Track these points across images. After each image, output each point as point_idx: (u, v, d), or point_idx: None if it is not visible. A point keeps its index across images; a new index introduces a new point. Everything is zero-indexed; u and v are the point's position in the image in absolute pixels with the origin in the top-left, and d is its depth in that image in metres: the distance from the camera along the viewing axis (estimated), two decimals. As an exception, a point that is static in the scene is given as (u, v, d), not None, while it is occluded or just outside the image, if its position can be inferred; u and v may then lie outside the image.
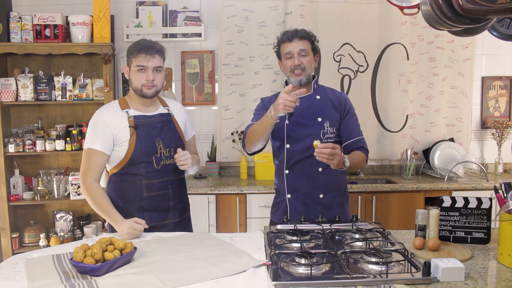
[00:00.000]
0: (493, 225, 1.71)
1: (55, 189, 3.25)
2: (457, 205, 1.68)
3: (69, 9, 3.44)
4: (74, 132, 3.22)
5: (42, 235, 3.21)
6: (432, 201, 3.08)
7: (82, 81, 3.25)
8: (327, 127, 2.02)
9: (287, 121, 2.04)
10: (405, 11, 2.14)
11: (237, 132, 3.50)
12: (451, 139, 3.58)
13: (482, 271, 1.41)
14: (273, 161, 2.18)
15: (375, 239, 1.66)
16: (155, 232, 1.89)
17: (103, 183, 2.42)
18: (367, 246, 1.59)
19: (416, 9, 2.03)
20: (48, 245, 3.15)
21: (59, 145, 3.19)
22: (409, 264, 1.43)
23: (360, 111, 2.13)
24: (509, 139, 3.55)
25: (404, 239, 1.75)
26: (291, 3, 3.43)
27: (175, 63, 3.57)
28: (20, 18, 3.13)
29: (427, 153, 3.54)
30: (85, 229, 3.22)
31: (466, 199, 1.67)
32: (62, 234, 3.28)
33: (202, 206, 3.06)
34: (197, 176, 3.44)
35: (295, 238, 1.68)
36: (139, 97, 1.97)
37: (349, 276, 1.32)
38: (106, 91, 3.18)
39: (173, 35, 3.46)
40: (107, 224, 2.03)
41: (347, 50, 3.53)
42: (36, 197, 3.22)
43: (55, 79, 3.23)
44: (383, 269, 1.35)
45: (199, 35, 3.44)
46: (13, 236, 3.18)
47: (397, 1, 2.09)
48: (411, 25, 3.49)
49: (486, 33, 1.76)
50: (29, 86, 3.18)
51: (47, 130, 3.36)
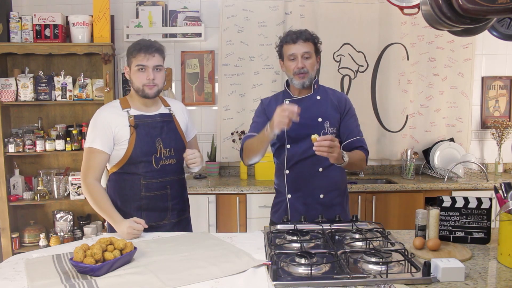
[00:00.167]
0: (493, 225, 1.71)
1: (55, 189, 3.25)
2: (457, 205, 1.68)
3: (69, 9, 3.44)
4: (74, 132, 3.22)
5: (42, 235, 3.21)
6: (432, 201, 3.08)
7: (82, 81, 3.25)
8: (328, 127, 2.02)
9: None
10: (405, 11, 2.14)
11: (237, 132, 3.50)
12: (451, 139, 3.58)
13: (482, 271, 1.41)
14: (274, 161, 2.19)
15: (375, 239, 1.66)
16: (153, 231, 1.88)
17: (103, 182, 2.42)
18: (367, 246, 1.59)
19: (416, 9, 2.03)
20: (48, 245, 3.15)
21: (59, 145, 3.19)
22: (409, 264, 1.43)
23: (360, 111, 2.13)
24: (509, 139, 3.55)
25: (404, 239, 1.75)
26: (291, 3, 3.43)
27: (175, 63, 3.57)
28: (20, 18, 3.13)
29: (427, 153, 3.54)
30: (85, 229, 3.23)
31: (466, 199, 1.67)
32: (62, 234, 3.28)
33: (202, 206, 3.07)
34: (197, 176, 3.44)
35: (295, 238, 1.68)
36: (140, 97, 1.97)
37: (349, 276, 1.32)
38: (106, 91, 3.18)
39: (173, 35, 3.46)
40: (106, 224, 2.03)
41: (347, 50, 3.53)
42: (36, 197, 3.22)
43: (55, 79, 3.23)
44: (383, 269, 1.35)
45: (199, 35, 3.44)
46: (13, 236, 3.18)
47: (397, 1, 2.09)
48: (411, 25, 3.49)
49: (486, 33, 1.76)
50: (29, 86, 3.18)
51: (47, 130, 3.36)
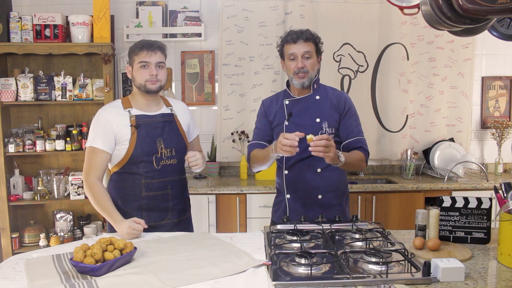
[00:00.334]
0: (493, 225, 1.71)
1: (55, 189, 3.25)
2: (457, 205, 1.68)
3: (69, 9, 3.44)
4: (74, 132, 3.22)
5: (42, 235, 3.21)
6: (432, 201, 3.08)
7: (82, 81, 3.25)
8: (326, 128, 2.01)
9: (286, 122, 2.04)
10: (405, 11, 2.14)
11: (237, 132, 3.50)
12: (451, 139, 3.58)
13: (482, 271, 1.41)
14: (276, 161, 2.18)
15: (375, 239, 1.66)
16: (153, 231, 1.89)
17: (105, 182, 2.42)
18: (367, 246, 1.59)
19: (416, 9, 2.02)
20: (48, 245, 3.15)
21: (59, 145, 3.19)
22: (409, 264, 1.43)
23: (360, 111, 2.12)
24: (509, 139, 3.55)
25: (404, 239, 1.75)
26: (291, 3, 3.43)
27: (175, 63, 3.57)
28: (20, 18, 3.13)
29: (427, 153, 3.54)
30: (85, 229, 3.23)
31: (466, 199, 1.67)
32: (62, 234, 3.28)
33: (202, 206, 3.06)
34: (197, 176, 3.44)
35: (295, 238, 1.68)
36: (142, 95, 1.97)
37: (349, 276, 1.32)
38: (106, 91, 3.18)
39: (173, 35, 3.46)
40: (107, 223, 2.03)
41: (347, 50, 3.53)
42: (36, 197, 3.22)
43: (55, 79, 3.23)
44: (383, 269, 1.35)
45: (199, 35, 3.44)
46: (13, 236, 3.18)
47: (397, 1, 2.09)
48: (411, 25, 3.49)
49: (486, 33, 1.76)
50: (29, 86, 3.18)
51: (47, 130, 3.36)
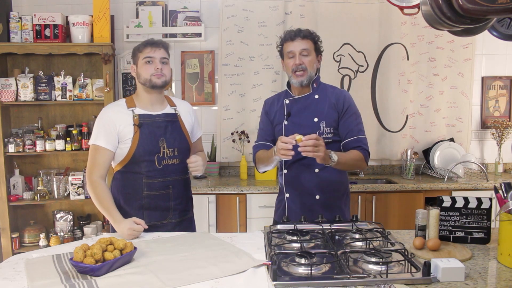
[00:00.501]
0: (493, 225, 1.71)
1: (55, 189, 3.25)
2: (457, 205, 1.68)
3: (69, 9, 3.44)
4: (74, 132, 3.22)
5: (42, 235, 3.21)
6: (432, 201, 3.08)
7: (82, 81, 3.25)
8: (323, 127, 1.99)
9: (285, 122, 2.04)
10: (405, 11, 2.14)
11: (237, 132, 3.50)
12: (451, 139, 3.58)
13: (482, 271, 1.41)
14: None
15: (375, 239, 1.66)
16: (154, 231, 1.89)
17: (108, 181, 2.43)
18: (367, 246, 1.59)
19: (416, 9, 2.02)
20: (48, 245, 3.15)
21: (59, 145, 3.19)
22: (409, 264, 1.43)
23: (360, 111, 2.11)
24: (509, 139, 3.55)
25: (404, 239, 1.75)
26: (291, 3, 3.43)
27: (175, 63, 3.56)
28: (20, 18, 3.13)
29: (427, 153, 3.54)
30: (85, 229, 3.23)
31: (466, 199, 1.67)
32: (62, 234, 3.28)
33: (202, 206, 3.06)
34: (197, 176, 3.43)
35: (295, 238, 1.68)
36: (147, 92, 1.99)
37: (349, 276, 1.32)
38: (106, 91, 3.18)
39: (173, 35, 3.46)
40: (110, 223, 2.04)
41: (347, 50, 3.53)
42: (36, 197, 3.22)
43: (55, 79, 3.23)
44: (383, 269, 1.35)
45: (199, 35, 3.44)
46: (13, 236, 3.18)
47: (397, 1, 2.09)
48: (411, 25, 3.49)
49: (486, 33, 1.76)
50: (29, 86, 3.18)
51: (47, 130, 3.36)
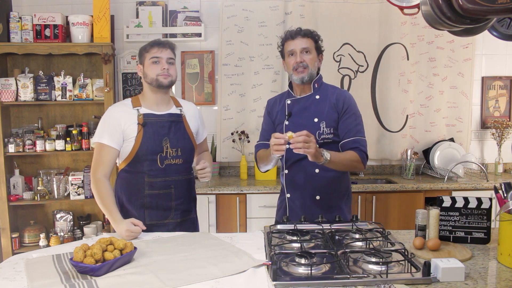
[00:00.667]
0: (493, 225, 1.71)
1: (55, 189, 3.25)
2: (457, 205, 1.68)
3: (69, 9, 3.44)
4: (74, 132, 3.22)
5: (42, 235, 3.21)
6: (432, 201, 3.08)
7: (82, 81, 3.25)
8: (323, 128, 1.99)
9: (286, 122, 2.04)
10: (405, 11, 2.14)
11: (237, 132, 3.50)
12: (451, 139, 3.58)
13: (482, 271, 1.41)
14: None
15: (375, 239, 1.66)
16: (155, 230, 1.91)
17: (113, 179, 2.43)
18: (367, 246, 1.59)
19: (416, 9, 2.02)
20: (48, 245, 3.15)
21: (59, 145, 3.19)
22: (409, 264, 1.43)
23: (360, 111, 2.11)
24: (509, 139, 3.55)
25: (404, 239, 1.75)
26: (291, 3, 3.43)
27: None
28: (20, 18, 3.13)
29: (427, 153, 3.54)
30: (85, 229, 3.23)
31: (466, 199, 1.67)
32: (62, 234, 3.28)
33: (202, 206, 3.06)
34: (197, 176, 3.42)
35: (295, 238, 1.68)
36: (154, 92, 2.00)
37: (349, 276, 1.32)
38: (106, 91, 3.18)
39: (173, 35, 3.46)
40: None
41: (347, 50, 3.53)
42: (36, 197, 3.22)
43: (55, 79, 3.23)
44: (383, 269, 1.35)
45: (199, 35, 3.44)
46: (13, 236, 3.18)
47: (397, 1, 2.09)
48: (411, 25, 3.49)
49: (486, 33, 1.76)
50: (29, 86, 3.18)
51: (47, 130, 3.36)
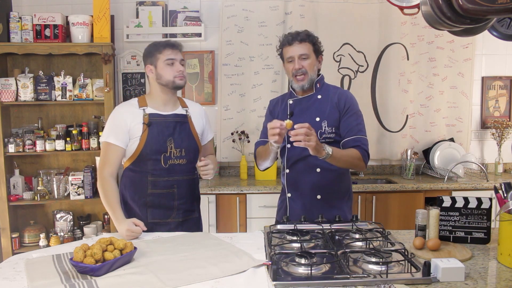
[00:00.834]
0: (493, 225, 1.71)
1: (55, 189, 3.25)
2: (457, 205, 1.68)
3: (69, 9, 3.44)
4: (74, 132, 3.22)
5: (42, 235, 3.21)
6: (432, 201, 3.08)
7: (82, 81, 3.25)
8: (325, 127, 2.00)
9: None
10: (405, 11, 2.14)
11: (237, 132, 3.50)
12: (451, 139, 3.58)
13: (482, 271, 1.41)
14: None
15: (375, 239, 1.66)
16: (157, 229, 1.95)
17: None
18: (367, 246, 1.59)
19: (416, 9, 2.03)
20: (48, 245, 3.15)
21: (59, 145, 3.19)
22: (409, 264, 1.43)
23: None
24: (509, 139, 3.55)
25: (404, 239, 1.75)
26: (291, 3, 3.43)
27: (175, 63, 3.56)
28: (20, 18, 3.13)
29: (427, 153, 3.54)
30: (85, 229, 3.23)
31: (466, 199, 1.67)
32: (62, 234, 3.28)
33: (202, 206, 3.02)
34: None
35: (295, 238, 1.68)
36: (164, 93, 2.03)
37: (349, 276, 1.32)
38: (106, 91, 3.18)
39: (173, 35, 3.46)
40: None
41: (347, 50, 3.53)
42: (36, 197, 3.22)
43: (55, 79, 3.23)
44: (383, 269, 1.35)
45: (199, 35, 3.44)
46: (13, 236, 3.18)
47: (397, 1, 2.09)
48: (411, 25, 3.49)
49: (486, 33, 1.76)
50: (29, 86, 3.18)
51: (47, 130, 3.36)
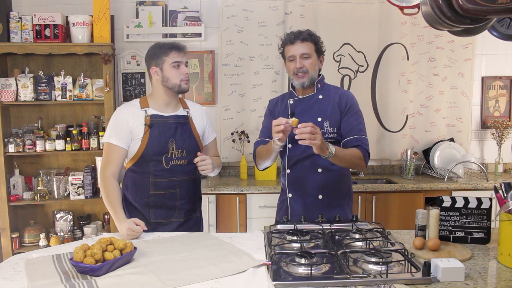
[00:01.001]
0: (493, 225, 1.71)
1: (55, 189, 3.25)
2: (457, 205, 1.68)
3: (69, 9, 3.44)
4: (74, 132, 3.22)
5: (42, 235, 3.21)
6: (432, 201, 3.08)
7: (82, 81, 3.25)
8: (327, 127, 2.01)
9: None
10: (405, 11, 2.14)
11: (237, 132, 3.50)
12: (451, 139, 3.58)
13: (482, 271, 1.41)
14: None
15: (375, 239, 1.66)
16: (159, 229, 1.96)
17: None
18: (367, 246, 1.59)
19: (416, 9, 2.03)
20: (48, 245, 3.15)
21: (59, 145, 3.19)
22: (409, 264, 1.43)
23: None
24: (509, 139, 3.55)
25: (404, 239, 1.75)
26: (291, 3, 3.43)
27: (175, 63, 3.56)
28: (20, 18, 3.13)
29: (427, 153, 3.54)
30: (85, 229, 3.23)
31: (466, 199, 1.67)
32: (62, 234, 3.28)
33: (202, 206, 3.05)
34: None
35: (295, 238, 1.68)
36: (167, 95, 2.03)
37: (349, 276, 1.32)
38: (106, 91, 3.18)
39: (173, 35, 3.46)
40: None
41: (347, 50, 3.53)
42: (36, 197, 3.22)
43: (55, 79, 3.23)
44: (383, 269, 1.35)
45: (199, 35, 3.44)
46: (13, 236, 3.18)
47: (397, 1, 2.09)
48: (411, 25, 3.49)
49: (486, 33, 1.76)
50: (29, 86, 3.18)
51: (47, 130, 3.36)
